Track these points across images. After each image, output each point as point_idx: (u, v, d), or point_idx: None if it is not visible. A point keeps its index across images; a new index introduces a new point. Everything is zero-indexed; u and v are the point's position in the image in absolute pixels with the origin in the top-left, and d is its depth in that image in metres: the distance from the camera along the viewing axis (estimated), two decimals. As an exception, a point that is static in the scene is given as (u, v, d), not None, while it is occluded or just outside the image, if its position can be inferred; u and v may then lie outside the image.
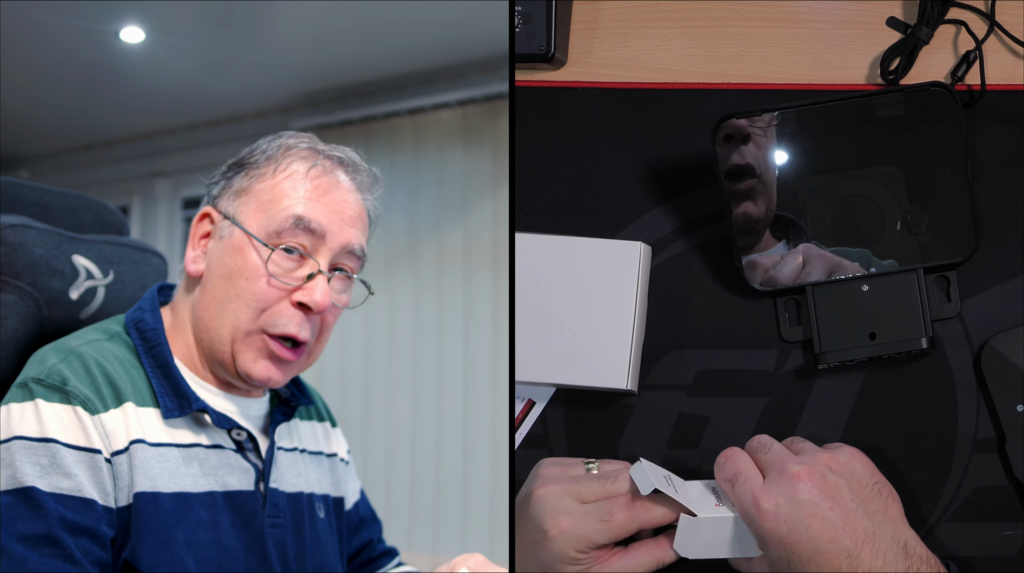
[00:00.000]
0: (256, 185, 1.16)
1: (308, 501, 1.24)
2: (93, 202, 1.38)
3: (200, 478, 1.13)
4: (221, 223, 1.16)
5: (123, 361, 1.14)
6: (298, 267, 1.15)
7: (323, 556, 1.24)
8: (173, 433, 1.13)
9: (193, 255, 1.18)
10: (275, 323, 1.14)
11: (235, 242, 1.15)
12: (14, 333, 1.20)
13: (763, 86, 1.29)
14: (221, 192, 1.18)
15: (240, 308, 1.13)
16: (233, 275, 1.14)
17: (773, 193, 1.23)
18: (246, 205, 1.16)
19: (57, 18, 3.18)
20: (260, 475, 1.18)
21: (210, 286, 1.15)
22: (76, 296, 1.26)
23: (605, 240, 1.25)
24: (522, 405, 1.28)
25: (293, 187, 1.15)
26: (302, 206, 1.14)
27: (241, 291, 1.13)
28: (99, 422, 1.08)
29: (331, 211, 1.16)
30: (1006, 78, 1.27)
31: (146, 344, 1.16)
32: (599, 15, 1.33)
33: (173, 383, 1.14)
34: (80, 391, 1.08)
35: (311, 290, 1.14)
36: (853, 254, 1.23)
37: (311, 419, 1.32)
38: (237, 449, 1.17)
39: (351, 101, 3.84)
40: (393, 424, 3.73)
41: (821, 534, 1.07)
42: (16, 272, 1.21)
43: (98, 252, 1.29)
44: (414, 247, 3.73)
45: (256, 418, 1.21)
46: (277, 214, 1.14)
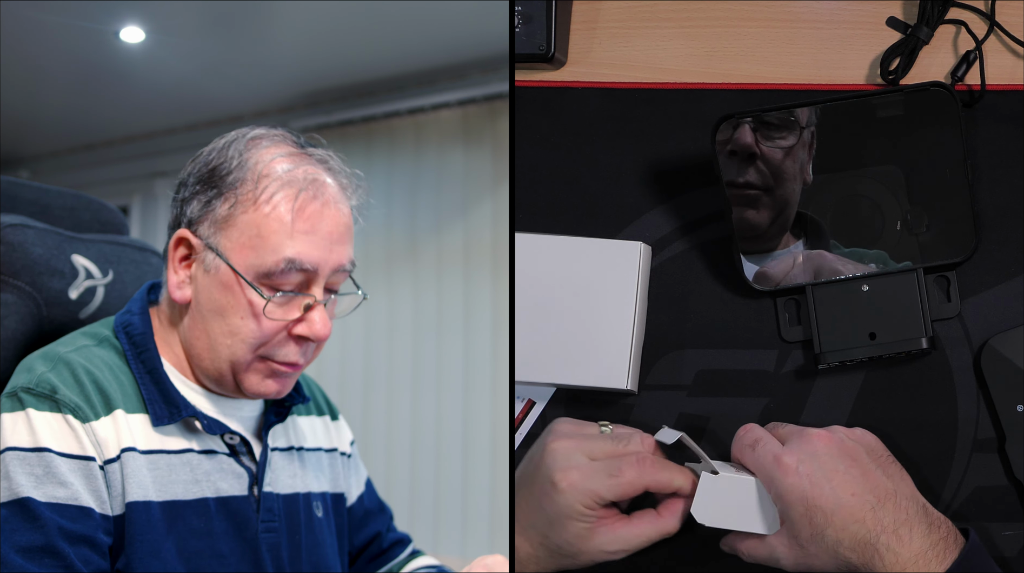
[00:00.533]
0: (239, 216, 1.09)
1: (305, 501, 1.23)
2: (92, 202, 1.38)
3: (192, 485, 1.12)
4: (204, 253, 1.11)
5: (112, 367, 1.12)
6: (292, 301, 1.11)
7: (320, 557, 1.23)
8: (164, 439, 1.12)
9: (177, 281, 1.12)
10: (275, 353, 1.12)
11: (223, 279, 1.10)
12: (13, 333, 1.20)
13: (763, 86, 1.29)
14: (199, 217, 1.11)
15: (236, 345, 1.11)
16: (226, 312, 1.10)
17: (783, 205, 1.22)
18: (229, 238, 1.09)
19: (57, 18, 3.18)
20: (254, 479, 1.17)
21: (200, 319, 1.12)
22: (75, 296, 1.25)
23: (605, 240, 1.25)
24: (522, 405, 1.28)
25: (280, 222, 1.08)
26: (293, 247, 1.08)
27: (236, 329, 1.10)
28: (90, 430, 1.06)
29: (321, 240, 1.10)
30: (1006, 78, 1.27)
31: (135, 349, 1.14)
32: (599, 15, 1.33)
33: (163, 389, 1.12)
34: (70, 399, 1.07)
35: (311, 323, 1.11)
36: (853, 254, 1.23)
37: (309, 414, 1.31)
38: (230, 453, 1.16)
39: (351, 101, 3.84)
40: (393, 424, 3.73)
41: (843, 487, 1.08)
42: (15, 272, 1.20)
43: (97, 252, 1.29)
44: (414, 247, 3.73)
45: (249, 420, 1.20)
46: (266, 255, 1.08)
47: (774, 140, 1.22)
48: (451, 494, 3.57)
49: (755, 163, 1.22)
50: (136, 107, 4.13)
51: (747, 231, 1.23)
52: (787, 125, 1.22)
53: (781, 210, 1.23)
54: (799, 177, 1.22)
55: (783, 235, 1.23)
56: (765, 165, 1.22)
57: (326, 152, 1.15)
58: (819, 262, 1.23)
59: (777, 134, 1.22)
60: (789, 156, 1.22)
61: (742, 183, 1.22)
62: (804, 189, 1.23)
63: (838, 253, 1.23)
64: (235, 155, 1.12)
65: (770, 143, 1.22)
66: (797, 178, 1.22)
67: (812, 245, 1.23)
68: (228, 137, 1.14)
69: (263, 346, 1.11)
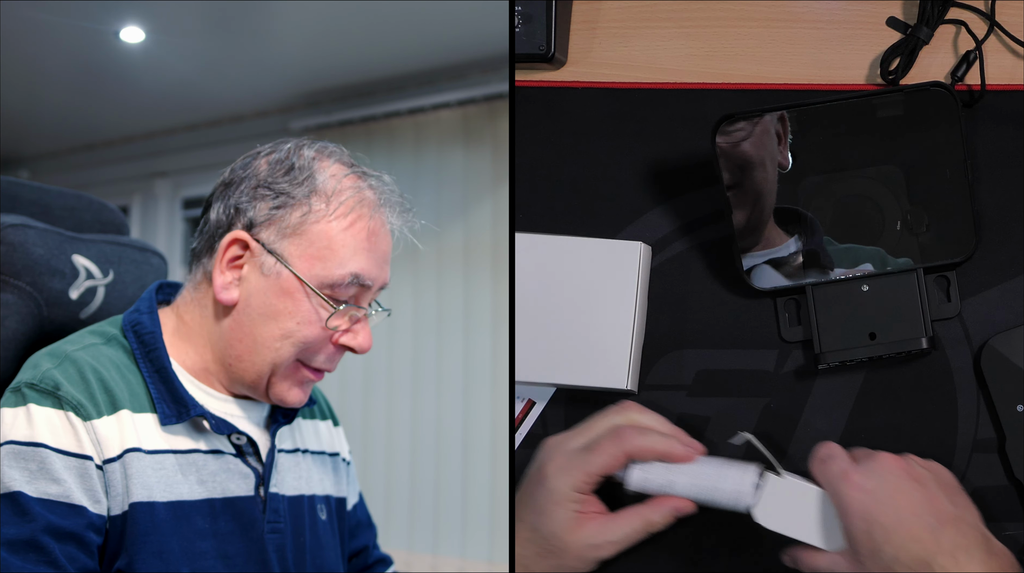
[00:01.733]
0: (310, 227, 1.11)
1: (309, 503, 1.24)
2: (93, 202, 1.38)
3: (198, 485, 1.12)
4: (263, 257, 1.12)
5: (119, 366, 1.12)
6: (345, 312, 1.14)
7: (323, 559, 1.23)
8: (170, 439, 1.12)
9: (223, 282, 1.13)
10: (315, 358, 1.14)
11: (283, 284, 1.11)
12: (14, 333, 1.20)
13: (763, 86, 1.29)
14: (263, 222, 1.12)
15: (285, 348, 1.12)
16: (281, 316, 1.12)
17: (758, 195, 1.22)
18: (298, 247, 1.11)
19: (57, 18, 3.18)
20: (260, 480, 1.17)
21: (247, 321, 1.13)
22: (76, 296, 1.25)
23: (605, 240, 1.25)
24: (522, 405, 1.28)
25: (351, 239, 1.12)
26: (359, 262, 1.12)
27: (289, 333, 1.12)
28: (91, 428, 1.07)
29: (379, 259, 1.14)
30: (1006, 78, 1.27)
31: (143, 348, 1.14)
32: (599, 15, 1.33)
33: (171, 388, 1.13)
34: (72, 396, 1.07)
35: (357, 334, 1.14)
36: (853, 254, 1.23)
37: (313, 418, 1.31)
38: (237, 454, 1.16)
39: (351, 101, 3.84)
40: (393, 424, 3.73)
41: (906, 507, 1.09)
42: (16, 272, 1.20)
43: (98, 252, 1.29)
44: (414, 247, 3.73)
45: (257, 421, 1.20)
46: (334, 268, 1.11)
47: (728, 134, 1.22)
48: (451, 494, 3.57)
49: (719, 162, 1.22)
50: (136, 107, 4.13)
51: (738, 234, 1.23)
52: (745, 116, 1.22)
53: (755, 201, 1.22)
54: (770, 164, 1.22)
55: (764, 227, 1.23)
56: (726, 161, 1.22)
57: (380, 174, 1.19)
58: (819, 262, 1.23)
59: (730, 127, 1.22)
60: (748, 143, 1.22)
61: (724, 186, 1.23)
62: (784, 174, 1.22)
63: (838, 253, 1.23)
64: (303, 167, 1.13)
65: (725, 137, 1.22)
66: (767, 165, 1.22)
67: (810, 244, 1.23)
68: (287, 144, 1.16)
69: (306, 351, 1.13)
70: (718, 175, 1.23)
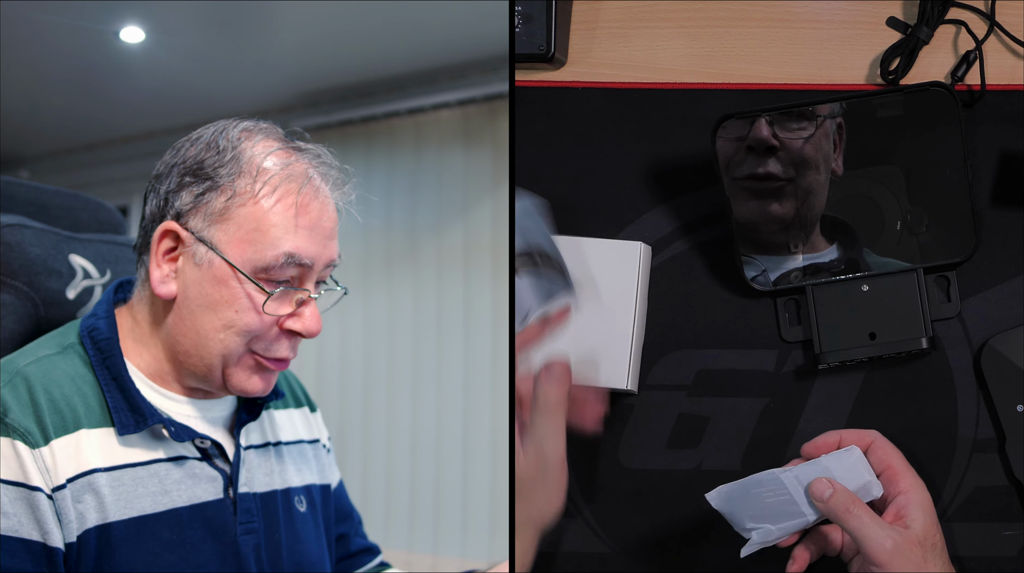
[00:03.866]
0: (236, 210, 1.07)
1: (284, 497, 1.21)
2: (90, 201, 1.37)
3: (161, 496, 1.08)
4: (195, 246, 1.08)
5: (74, 378, 1.08)
6: (286, 295, 1.09)
7: (302, 554, 1.20)
8: (129, 452, 1.08)
9: (160, 275, 1.09)
10: (267, 348, 1.10)
11: (217, 273, 1.07)
12: (11, 333, 1.20)
13: (763, 86, 1.29)
14: (189, 209, 1.08)
15: (230, 337, 1.08)
16: (219, 306, 1.08)
17: (806, 194, 1.22)
18: (226, 232, 1.07)
19: (57, 18, 3.18)
20: (229, 481, 1.14)
21: (188, 314, 1.09)
22: (73, 295, 1.25)
23: (605, 240, 1.25)
24: (522, 405, 1.28)
25: (281, 217, 1.07)
26: (292, 241, 1.07)
27: (230, 322, 1.08)
28: (39, 456, 1.02)
29: (318, 235, 1.09)
30: (1006, 78, 1.27)
31: (99, 354, 1.10)
32: (599, 15, 1.33)
33: (128, 397, 1.09)
34: (20, 424, 1.02)
35: (303, 318, 1.10)
36: (853, 254, 1.23)
37: (287, 407, 1.28)
38: (202, 457, 1.13)
39: (351, 101, 3.84)
40: (393, 424, 3.73)
41: None
42: (13, 271, 1.20)
43: (95, 251, 1.29)
44: (414, 247, 3.73)
45: (220, 420, 1.17)
46: (266, 250, 1.07)
47: (793, 130, 1.22)
48: (451, 494, 3.57)
49: (775, 155, 1.22)
50: (136, 107, 4.13)
51: (771, 224, 1.22)
52: (806, 115, 1.22)
53: (804, 200, 1.22)
54: (824, 167, 1.22)
55: (813, 230, 1.22)
56: (786, 155, 1.22)
57: (317, 147, 1.14)
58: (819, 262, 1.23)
59: (796, 124, 1.22)
60: (809, 144, 1.22)
61: (763, 175, 1.22)
62: (835, 181, 1.22)
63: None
64: (228, 148, 1.09)
65: (789, 134, 1.22)
66: (821, 168, 1.22)
67: (848, 237, 1.23)
68: (214, 127, 1.12)
69: (255, 340, 1.09)
70: (718, 175, 1.23)
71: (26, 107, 4.14)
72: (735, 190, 1.23)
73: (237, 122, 1.13)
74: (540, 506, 1.11)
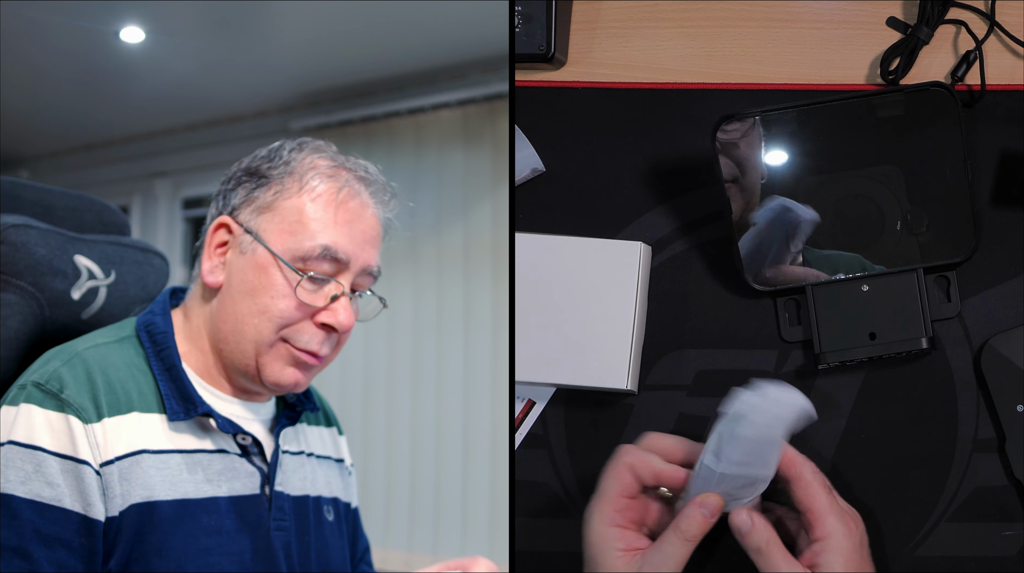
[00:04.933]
0: (281, 203, 1.14)
1: (315, 504, 1.25)
2: (95, 202, 1.38)
3: (204, 484, 1.13)
4: (242, 237, 1.15)
5: (130, 366, 1.13)
6: (321, 288, 1.14)
7: (328, 559, 1.24)
8: (177, 439, 1.13)
9: (210, 266, 1.16)
10: (298, 339, 1.14)
11: (259, 260, 1.13)
12: (16, 333, 1.20)
13: (763, 86, 1.29)
14: (241, 203, 1.16)
15: (263, 323, 1.13)
16: (257, 292, 1.13)
17: (751, 195, 1.23)
18: (270, 222, 1.14)
19: (57, 18, 3.18)
20: (265, 478, 1.18)
21: (230, 300, 1.15)
22: (78, 296, 1.26)
23: (605, 240, 1.25)
24: (522, 405, 1.28)
25: (321, 211, 1.14)
26: (329, 235, 1.13)
27: (265, 308, 1.13)
28: (91, 432, 1.07)
29: (356, 235, 1.15)
30: (1006, 78, 1.27)
31: (155, 347, 1.16)
32: (599, 15, 1.33)
33: (180, 386, 1.14)
34: (75, 399, 1.07)
35: (336, 312, 1.14)
36: (853, 254, 1.23)
37: (319, 424, 1.32)
38: (242, 453, 1.17)
39: (351, 101, 3.84)
40: (393, 424, 3.72)
41: None
42: (18, 272, 1.21)
43: (100, 252, 1.29)
44: (414, 247, 3.73)
45: (262, 422, 1.21)
46: (304, 240, 1.13)
47: (728, 131, 1.22)
48: (451, 494, 3.57)
49: (718, 163, 1.22)
50: (136, 107, 4.13)
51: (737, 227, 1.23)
52: (739, 116, 1.22)
53: (748, 200, 1.23)
54: (758, 168, 1.22)
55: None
56: (727, 156, 1.22)
57: (365, 163, 1.21)
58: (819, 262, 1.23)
59: (731, 125, 1.22)
60: (743, 142, 1.22)
61: (723, 179, 1.23)
62: (763, 183, 1.23)
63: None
64: (283, 153, 1.17)
65: (725, 134, 1.22)
66: (757, 168, 1.22)
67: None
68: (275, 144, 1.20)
69: (287, 328, 1.14)
70: (718, 175, 1.23)
71: (26, 107, 4.14)
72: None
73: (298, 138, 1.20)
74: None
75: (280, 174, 1.15)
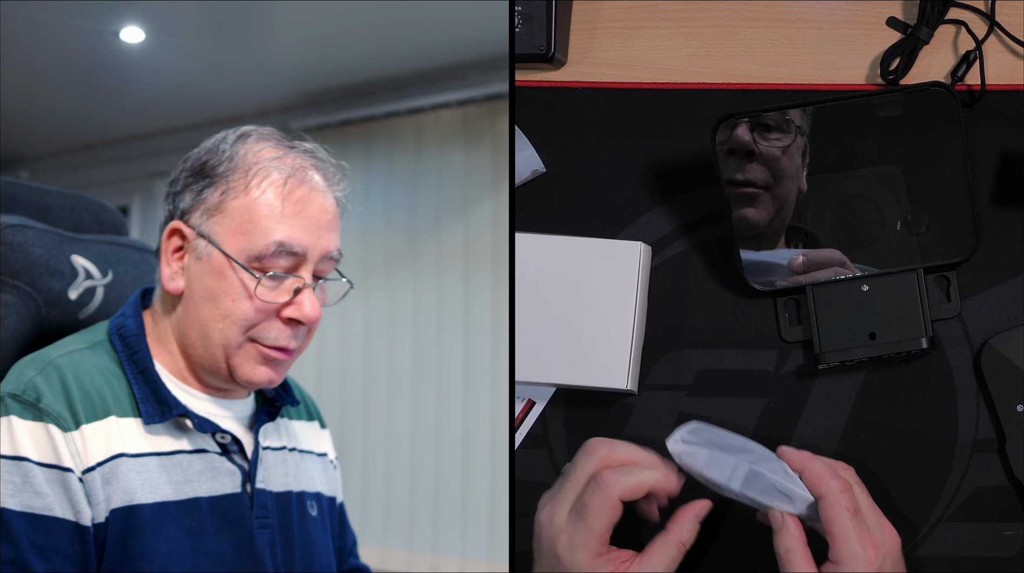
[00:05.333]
0: (230, 203, 1.12)
1: (298, 500, 1.24)
2: (92, 202, 1.38)
3: (183, 485, 1.12)
4: (196, 241, 1.13)
5: (104, 371, 1.13)
6: (282, 284, 1.12)
7: (312, 555, 1.23)
8: (154, 441, 1.12)
9: (170, 272, 1.14)
10: (266, 337, 1.13)
11: (215, 264, 1.12)
12: (13, 333, 1.20)
13: (763, 86, 1.29)
14: (190, 207, 1.14)
15: (228, 327, 1.12)
16: (218, 297, 1.12)
17: (781, 204, 1.22)
18: (221, 225, 1.12)
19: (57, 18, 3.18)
20: (246, 476, 1.17)
21: (193, 307, 1.13)
22: (75, 296, 1.25)
23: (605, 240, 1.25)
24: (522, 405, 1.28)
25: (270, 206, 1.11)
26: (282, 230, 1.11)
27: (228, 312, 1.11)
28: (71, 439, 1.06)
29: (310, 225, 1.12)
30: (1006, 78, 1.27)
31: (128, 350, 1.15)
32: (599, 15, 1.33)
33: (154, 389, 1.13)
34: (53, 408, 1.07)
35: (301, 305, 1.12)
36: (853, 254, 1.23)
37: (301, 418, 1.31)
38: (222, 452, 1.16)
39: (351, 101, 3.84)
40: (393, 424, 3.72)
41: None
42: (15, 272, 1.20)
43: (97, 252, 1.29)
44: (414, 247, 3.73)
45: (241, 419, 1.20)
46: (257, 239, 1.10)
47: (771, 140, 1.22)
48: (451, 494, 3.57)
49: (755, 160, 1.22)
50: (136, 107, 4.13)
51: (746, 230, 1.23)
52: (783, 126, 1.22)
53: (779, 209, 1.23)
54: (796, 179, 1.22)
55: (781, 235, 1.23)
56: (763, 163, 1.22)
57: (313, 145, 1.18)
58: (819, 262, 1.23)
59: (774, 134, 1.22)
60: (786, 155, 1.22)
61: (742, 181, 1.22)
62: (799, 197, 1.22)
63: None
64: (225, 148, 1.14)
65: (767, 142, 1.22)
66: (795, 179, 1.22)
67: (812, 246, 1.23)
68: (218, 136, 1.17)
69: (253, 328, 1.12)
70: (718, 175, 1.23)
71: (26, 107, 4.14)
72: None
73: (239, 127, 1.17)
74: None
75: (225, 171, 1.13)
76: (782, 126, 1.22)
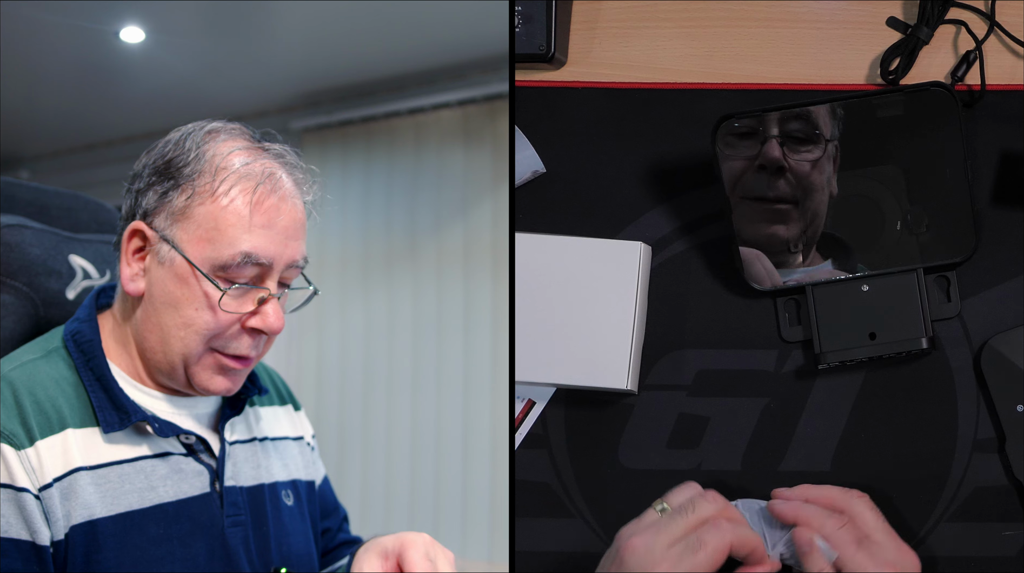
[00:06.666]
0: (196, 208, 1.08)
1: (271, 491, 1.21)
2: (90, 202, 1.38)
3: (147, 492, 1.09)
4: (159, 245, 1.09)
5: (59, 381, 1.10)
6: (247, 293, 1.10)
7: (290, 547, 1.21)
8: (115, 449, 1.09)
9: (130, 273, 1.11)
10: (227, 346, 1.10)
11: (178, 271, 1.08)
12: (11, 333, 1.20)
13: (763, 86, 1.29)
14: (154, 208, 1.10)
15: (190, 336, 1.09)
16: (180, 304, 1.09)
17: (812, 217, 1.22)
18: (186, 231, 1.08)
19: (57, 18, 3.18)
20: (215, 475, 1.14)
21: (153, 311, 1.10)
22: (73, 296, 1.25)
23: (605, 240, 1.25)
24: (522, 405, 1.28)
25: (238, 215, 1.08)
26: (249, 240, 1.07)
27: (190, 321, 1.09)
28: (25, 457, 1.03)
29: (277, 235, 1.09)
30: (1006, 78, 1.27)
31: (83, 357, 1.12)
32: (599, 15, 1.33)
33: (112, 396, 1.10)
34: (5, 426, 1.04)
35: (265, 316, 1.10)
36: (853, 254, 1.23)
37: (271, 404, 1.29)
38: (187, 453, 1.13)
39: (351, 101, 3.84)
40: (393, 424, 3.72)
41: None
42: (13, 272, 1.20)
43: (95, 252, 1.29)
44: (414, 247, 3.73)
45: (204, 417, 1.17)
46: (223, 249, 1.07)
47: (801, 153, 1.22)
48: (451, 494, 3.56)
49: (784, 176, 1.22)
50: (136, 107, 4.13)
51: (777, 246, 1.22)
52: (812, 138, 1.21)
53: (811, 222, 1.22)
54: (827, 188, 1.22)
55: (811, 248, 1.23)
56: (794, 178, 1.22)
57: (283, 147, 1.14)
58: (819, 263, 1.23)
59: (803, 147, 1.22)
60: (816, 168, 1.22)
61: (772, 198, 1.22)
62: (831, 202, 1.22)
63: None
64: (192, 147, 1.11)
65: (797, 156, 1.21)
66: (825, 189, 1.22)
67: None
68: (184, 129, 1.14)
69: (216, 338, 1.10)
70: (717, 175, 1.23)
71: (26, 107, 4.14)
72: (743, 209, 1.22)
73: (207, 123, 1.14)
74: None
75: (191, 173, 1.09)
76: (812, 138, 1.21)
